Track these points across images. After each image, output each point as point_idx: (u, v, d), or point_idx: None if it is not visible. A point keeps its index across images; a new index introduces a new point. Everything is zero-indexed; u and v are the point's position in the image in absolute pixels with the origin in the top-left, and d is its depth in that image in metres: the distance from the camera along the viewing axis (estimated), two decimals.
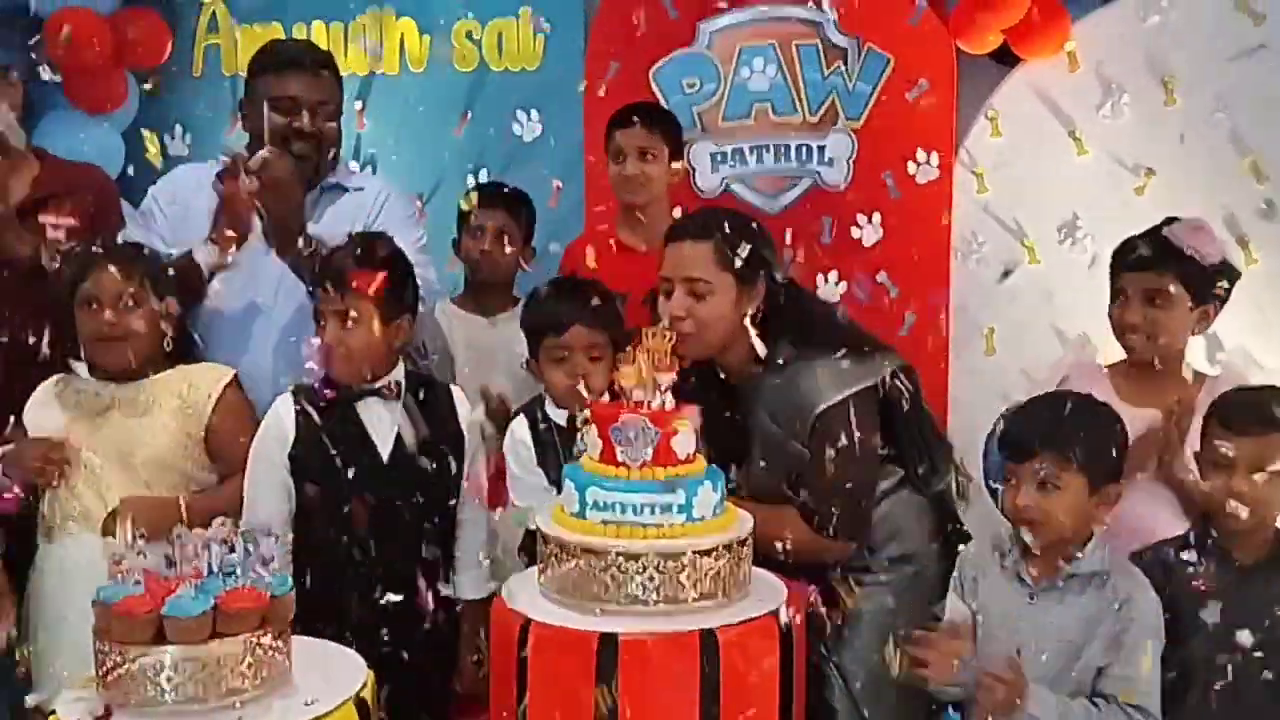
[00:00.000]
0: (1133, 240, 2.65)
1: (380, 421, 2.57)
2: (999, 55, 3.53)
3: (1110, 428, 2.32)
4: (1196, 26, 3.35)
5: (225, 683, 1.85)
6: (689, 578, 2.06)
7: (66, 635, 2.44)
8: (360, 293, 2.51)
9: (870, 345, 2.60)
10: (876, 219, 3.57)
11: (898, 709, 2.51)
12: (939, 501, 2.68)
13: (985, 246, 3.56)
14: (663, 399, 2.14)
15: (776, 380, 2.53)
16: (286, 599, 1.97)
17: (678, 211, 3.17)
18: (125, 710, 1.84)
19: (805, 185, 3.64)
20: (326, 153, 2.97)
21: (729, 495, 2.25)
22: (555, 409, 2.65)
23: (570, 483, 2.15)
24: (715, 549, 2.08)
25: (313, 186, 2.95)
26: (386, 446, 2.56)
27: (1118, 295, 2.63)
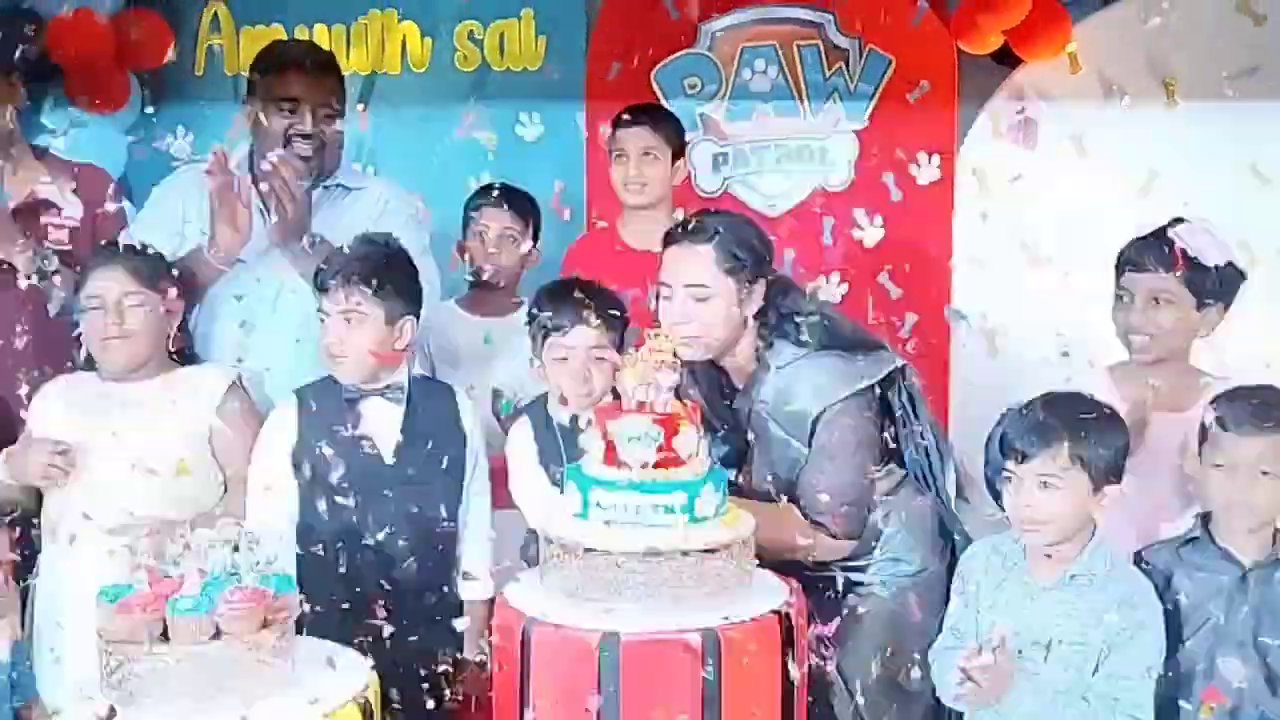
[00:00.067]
0: (1137, 242, 2.65)
1: (383, 422, 2.57)
2: (1000, 56, 3.54)
3: (1112, 428, 2.32)
4: (1197, 28, 3.36)
5: (228, 683, 1.85)
6: (691, 578, 2.06)
7: (71, 635, 2.43)
8: (364, 293, 2.52)
9: (870, 345, 2.60)
10: (878, 220, 3.58)
11: (897, 710, 2.51)
12: (939, 503, 2.68)
13: (986, 247, 3.56)
14: (665, 400, 2.15)
15: (777, 380, 2.54)
16: (289, 599, 1.98)
17: (679, 213, 3.17)
18: (128, 710, 1.85)
19: (807, 186, 3.64)
20: (329, 154, 2.97)
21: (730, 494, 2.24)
22: (557, 409, 2.65)
23: (573, 484, 2.15)
24: (717, 549, 2.09)
25: (315, 187, 2.96)
26: (389, 447, 2.56)
27: (1121, 296, 2.63)
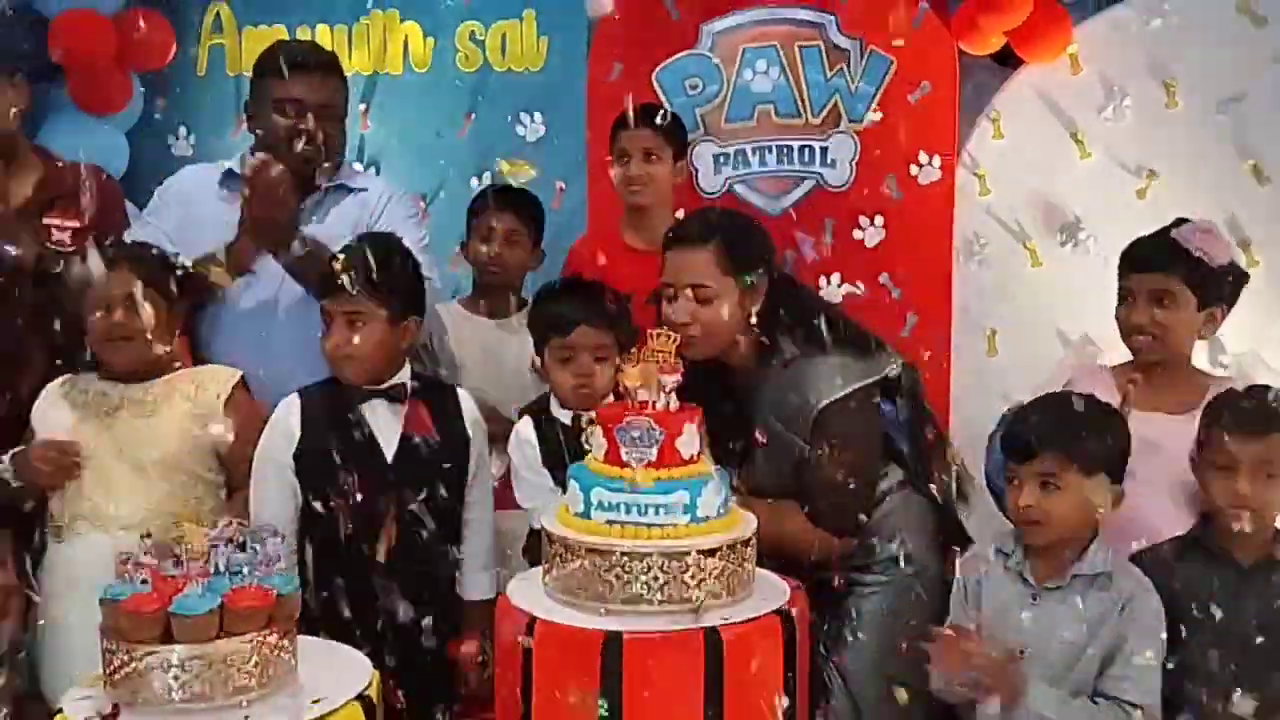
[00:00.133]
0: (1140, 241, 2.65)
1: (386, 423, 2.58)
2: (1001, 57, 3.54)
3: (1113, 428, 2.33)
4: (1198, 29, 3.35)
5: (231, 681, 1.86)
6: (693, 577, 2.06)
7: (74, 634, 2.44)
8: (368, 294, 2.52)
9: (872, 344, 2.61)
10: (879, 220, 3.57)
11: (897, 709, 2.50)
12: (940, 502, 2.68)
13: (987, 248, 3.56)
14: (667, 400, 2.15)
15: (779, 376, 2.54)
16: (292, 598, 1.98)
17: (681, 213, 3.17)
18: (132, 708, 1.85)
19: (808, 187, 3.64)
20: (331, 154, 2.97)
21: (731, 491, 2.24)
22: (561, 409, 2.66)
23: (575, 483, 2.15)
24: (719, 549, 2.09)
25: (316, 188, 2.96)
26: (391, 448, 2.57)
27: (1125, 296, 2.62)
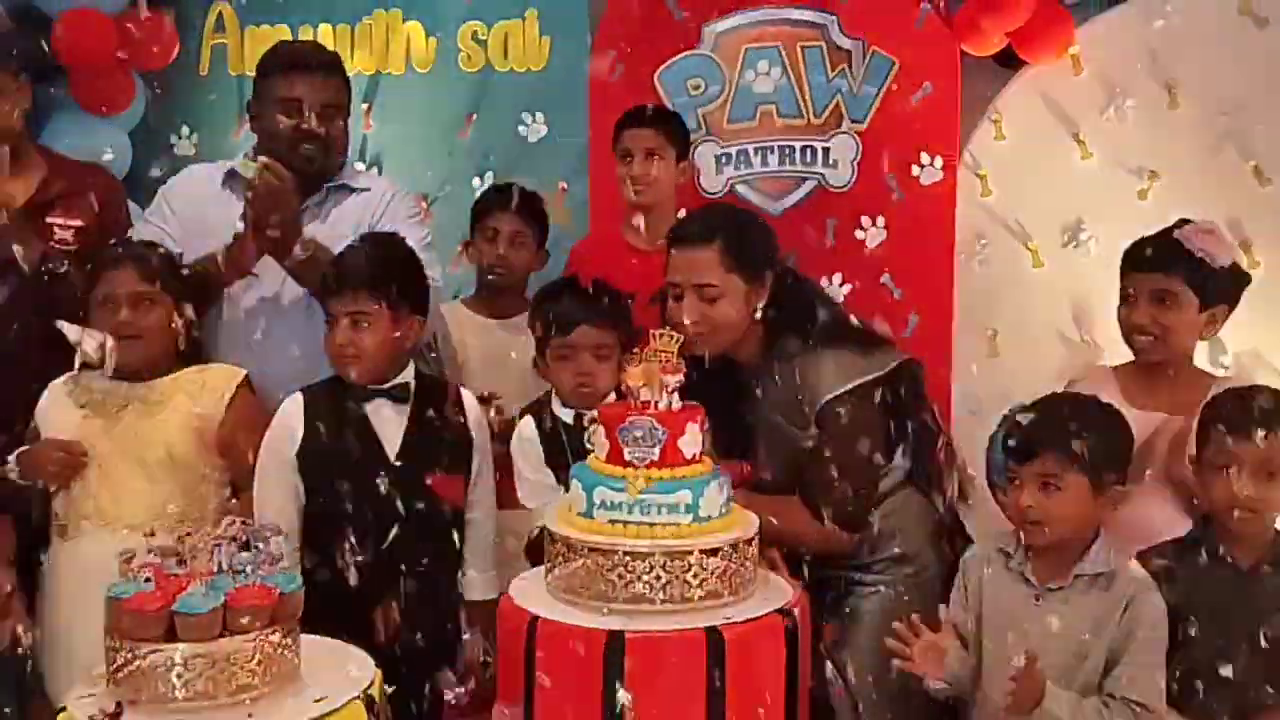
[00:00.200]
0: (1142, 241, 2.65)
1: (388, 422, 2.58)
2: (1003, 58, 3.54)
3: (1114, 429, 2.32)
4: (1200, 30, 3.35)
5: (235, 680, 1.86)
6: (695, 576, 2.06)
7: (78, 632, 2.45)
8: (372, 294, 2.52)
9: (877, 340, 2.61)
10: (880, 221, 3.57)
11: (897, 708, 2.51)
12: (941, 502, 2.68)
13: (989, 249, 3.56)
14: (669, 400, 2.15)
15: (784, 371, 2.54)
16: (295, 597, 1.98)
17: (683, 213, 3.17)
18: (136, 707, 1.85)
19: (809, 187, 3.64)
20: (333, 154, 2.98)
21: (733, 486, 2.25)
22: (562, 408, 2.66)
23: (578, 482, 2.16)
24: (721, 548, 2.09)
25: (319, 188, 2.97)
26: (394, 447, 2.57)
27: (1126, 296, 2.63)
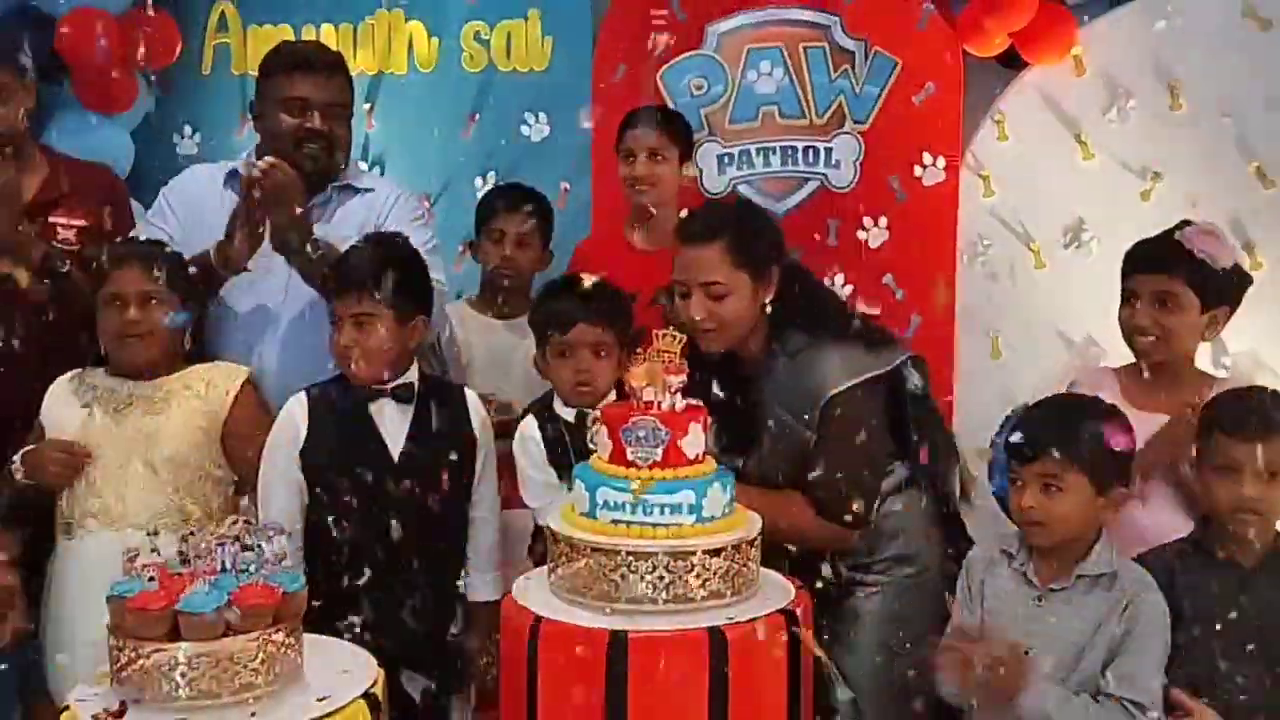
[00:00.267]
0: (1144, 243, 2.65)
1: (392, 422, 2.58)
2: (1006, 59, 3.54)
3: (1116, 431, 2.31)
4: (1202, 31, 3.36)
5: (238, 678, 1.86)
6: (698, 577, 2.06)
7: (83, 631, 2.43)
8: (376, 294, 2.52)
9: (882, 337, 2.61)
10: (883, 221, 3.58)
11: (898, 709, 2.51)
12: (943, 502, 2.68)
13: (991, 249, 3.57)
14: (673, 400, 2.15)
15: (788, 366, 2.54)
16: (298, 596, 1.98)
17: (685, 213, 3.17)
18: (139, 705, 1.85)
19: (812, 187, 3.65)
20: (337, 154, 2.97)
21: (736, 480, 2.25)
22: (563, 406, 2.66)
23: (581, 483, 2.16)
24: (724, 549, 2.09)
25: (322, 188, 2.97)
26: (397, 447, 2.57)
27: (1128, 298, 2.62)
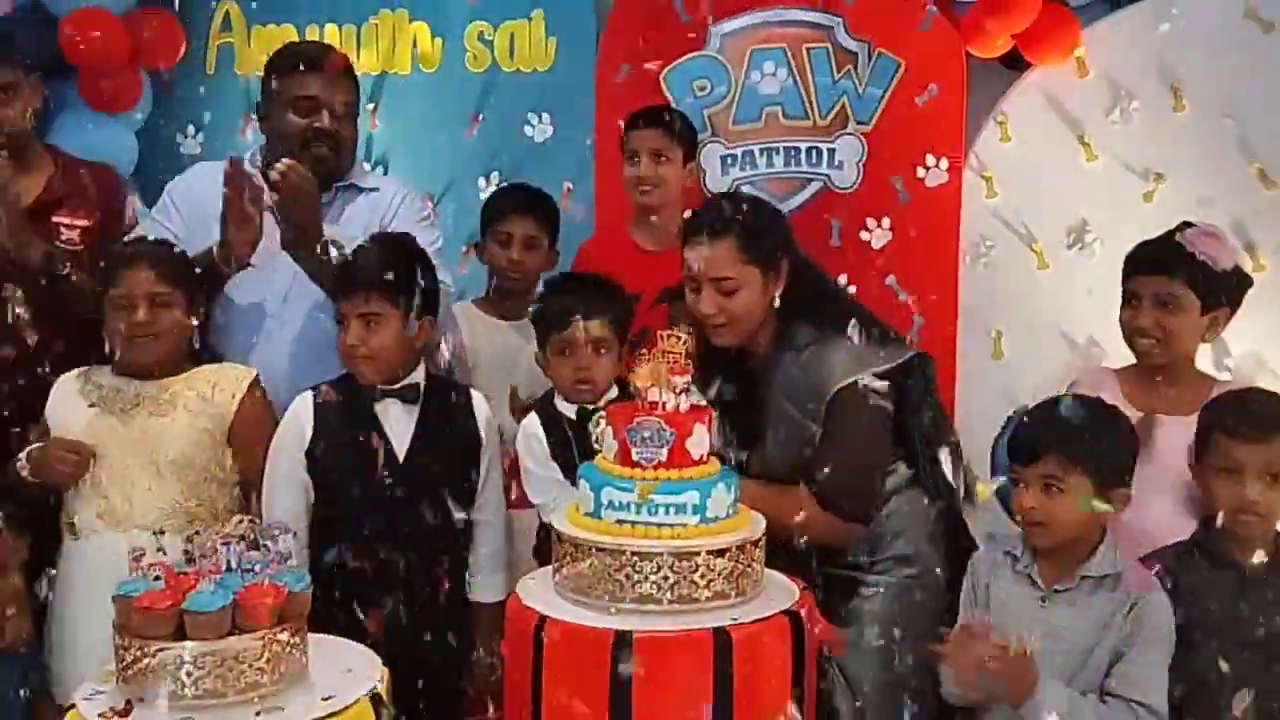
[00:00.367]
0: (1146, 244, 2.66)
1: (398, 423, 2.59)
2: (1009, 60, 3.55)
3: (1117, 431, 2.33)
4: (1205, 33, 3.36)
5: (244, 678, 1.87)
6: (703, 577, 2.07)
7: (88, 630, 2.45)
8: (383, 294, 2.53)
9: (889, 332, 2.62)
10: (886, 222, 3.58)
11: (900, 709, 2.51)
12: (946, 504, 2.68)
13: (994, 250, 3.57)
14: (677, 401, 2.16)
15: (795, 360, 2.55)
16: (304, 595, 1.99)
17: (692, 211, 3.17)
18: (145, 704, 1.86)
19: (815, 188, 3.65)
20: (344, 154, 2.98)
21: (740, 475, 2.26)
22: (564, 403, 2.67)
23: (585, 483, 2.16)
24: (729, 549, 2.10)
25: (328, 188, 2.97)
26: (403, 447, 2.58)
27: (1129, 299, 2.63)
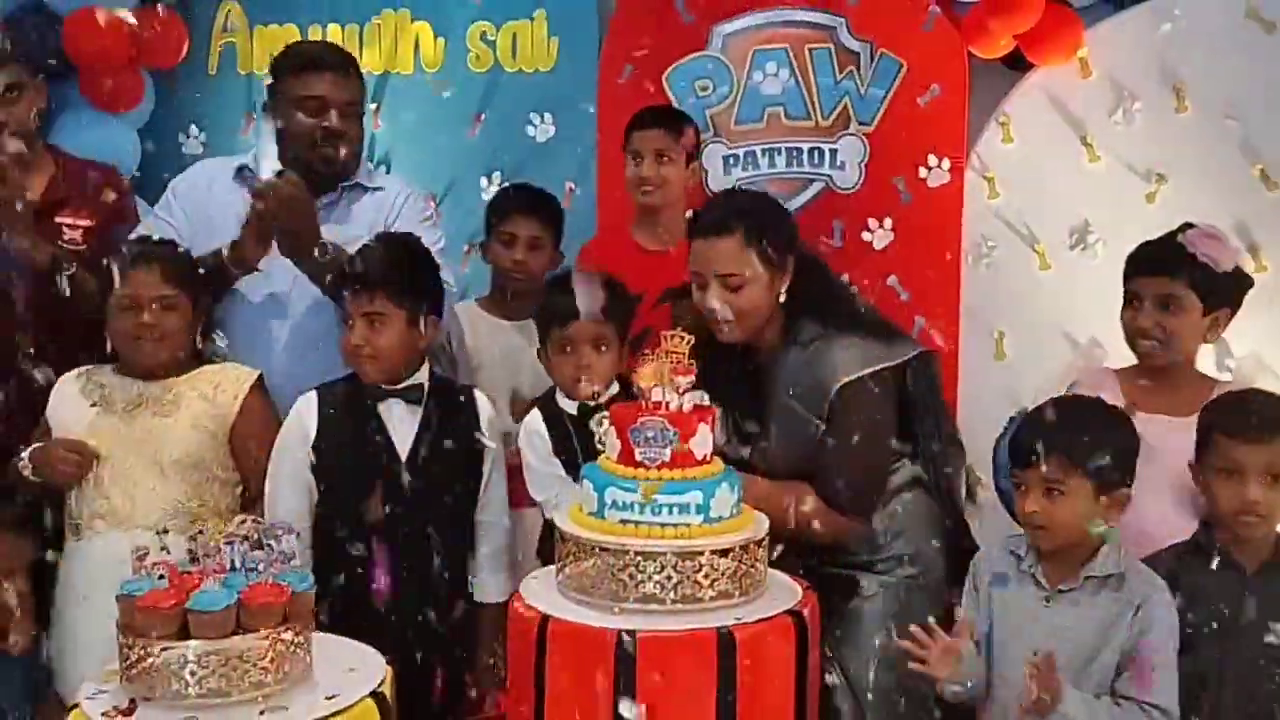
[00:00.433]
0: (1147, 245, 2.66)
1: (401, 423, 2.59)
2: (1011, 61, 3.54)
3: (1117, 431, 2.32)
4: (1208, 34, 3.35)
5: (248, 677, 1.87)
6: (706, 577, 2.07)
7: (92, 630, 2.45)
8: (388, 294, 2.53)
9: (894, 329, 2.63)
10: (888, 223, 3.58)
11: (900, 709, 2.52)
12: (948, 503, 2.69)
13: (996, 251, 3.57)
14: (681, 401, 2.16)
15: (800, 356, 2.56)
16: (307, 595, 2.00)
17: (693, 210, 3.17)
18: (149, 704, 1.87)
19: (817, 189, 3.65)
20: (351, 153, 2.98)
21: (744, 470, 2.27)
22: (565, 400, 2.67)
23: (589, 483, 2.17)
24: (732, 549, 2.11)
25: (334, 187, 2.98)
26: (405, 447, 2.58)
27: (1130, 300, 2.63)
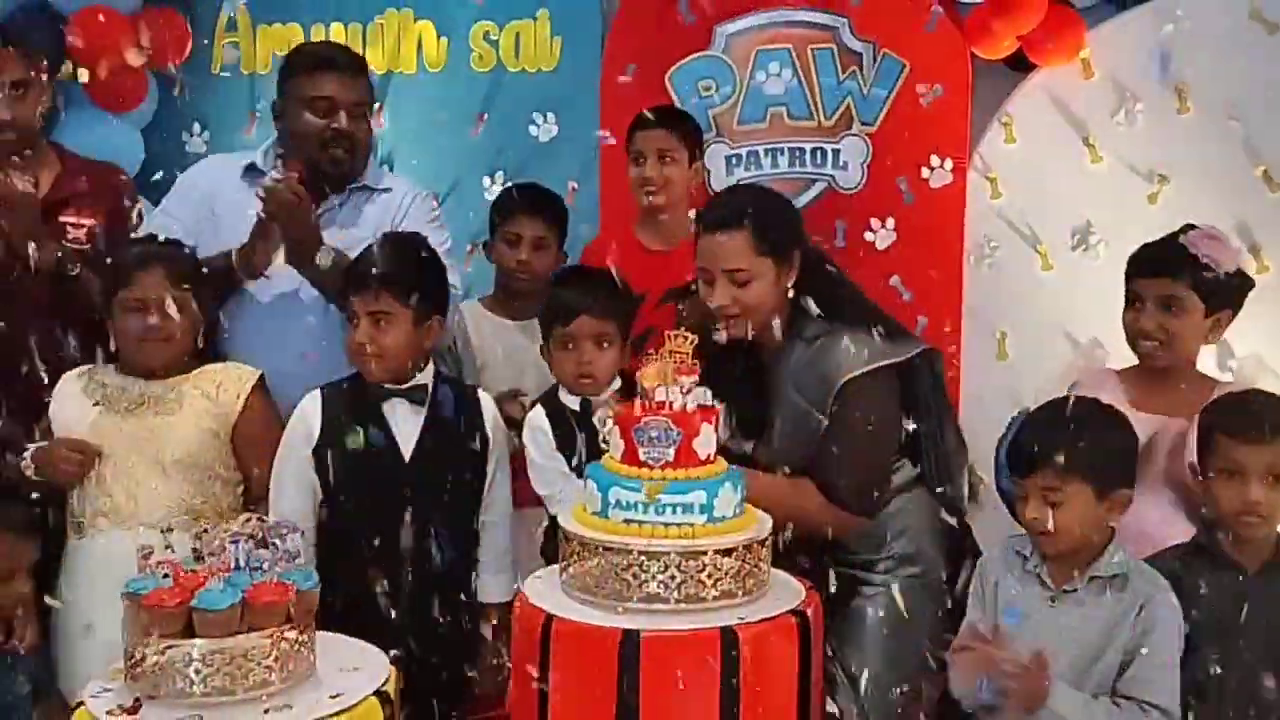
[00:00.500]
0: (1149, 246, 2.66)
1: (405, 422, 2.59)
2: (1013, 61, 3.55)
3: (1117, 433, 2.33)
4: (1210, 35, 3.35)
5: (252, 676, 1.88)
6: (709, 576, 2.08)
7: (96, 629, 2.46)
8: (393, 293, 2.54)
9: (900, 326, 2.63)
10: (890, 223, 3.59)
11: (901, 709, 2.52)
12: (950, 504, 2.69)
13: (998, 251, 3.57)
14: (684, 400, 2.16)
15: (805, 351, 2.56)
16: (311, 594, 2.00)
17: (694, 213, 3.18)
18: (153, 702, 1.87)
19: (819, 189, 3.65)
20: (360, 154, 2.98)
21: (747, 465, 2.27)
22: (568, 396, 2.68)
23: (593, 483, 2.17)
24: (736, 549, 2.11)
25: (342, 189, 2.98)
26: (409, 447, 2.58)
27: (1132, 301, 2.63)
